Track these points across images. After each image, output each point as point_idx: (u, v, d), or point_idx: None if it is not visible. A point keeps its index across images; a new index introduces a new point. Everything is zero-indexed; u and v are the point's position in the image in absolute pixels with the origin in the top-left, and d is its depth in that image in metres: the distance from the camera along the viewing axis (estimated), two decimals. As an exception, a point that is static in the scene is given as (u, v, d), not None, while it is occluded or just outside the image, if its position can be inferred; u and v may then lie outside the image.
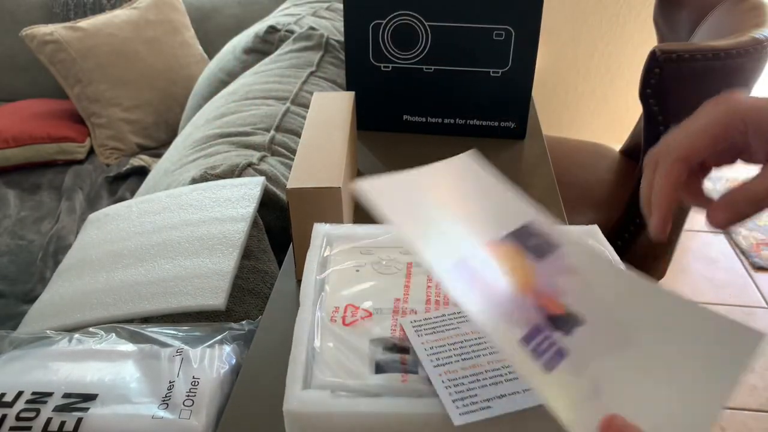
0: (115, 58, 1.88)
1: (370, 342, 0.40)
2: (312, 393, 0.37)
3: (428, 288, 0.44)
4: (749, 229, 2.16)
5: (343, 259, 0.47)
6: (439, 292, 0.44)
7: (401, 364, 0.38)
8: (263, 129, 1.03)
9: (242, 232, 0.75)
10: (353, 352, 0.39)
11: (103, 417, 0.52)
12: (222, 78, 1.50)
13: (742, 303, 1.89)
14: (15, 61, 2.12)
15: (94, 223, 0.88)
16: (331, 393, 0.37)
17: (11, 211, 1.68)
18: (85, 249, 0.82)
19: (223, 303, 0.66)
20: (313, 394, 0.37)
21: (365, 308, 0.42)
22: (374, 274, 0.46)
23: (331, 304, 0.43)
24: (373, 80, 0.92)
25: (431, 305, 0.43)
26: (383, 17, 0.87)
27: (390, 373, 0.38)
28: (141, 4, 1.97)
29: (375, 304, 0.43)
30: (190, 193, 0.84)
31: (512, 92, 0.90)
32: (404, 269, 0.46)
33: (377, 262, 0.47)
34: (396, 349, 0.39)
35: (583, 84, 2.49)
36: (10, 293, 1.41)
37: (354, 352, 0.39)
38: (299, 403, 0.36)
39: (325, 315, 0.42)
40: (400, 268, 0.46)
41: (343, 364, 0.38)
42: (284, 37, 1.44)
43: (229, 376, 0.57)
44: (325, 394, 0.37)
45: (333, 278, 0.45)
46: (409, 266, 0.46)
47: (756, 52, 1.07)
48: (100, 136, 1.90)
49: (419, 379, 0.37)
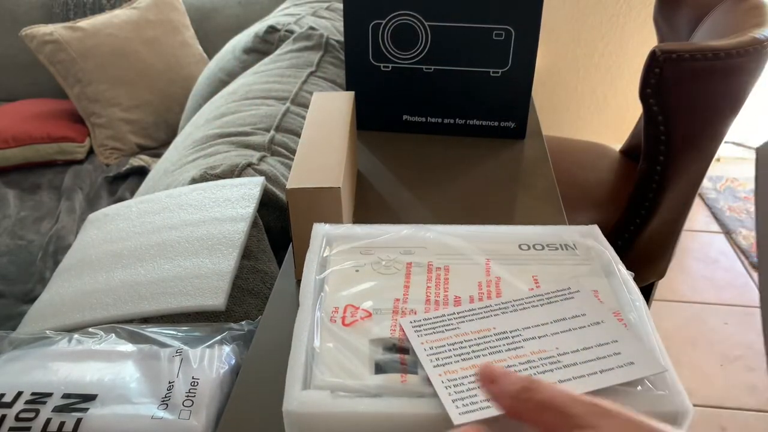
0: (114, 58, 1.88)
1: (370, 342, 0.40)
2: (312, 393, 0.37)
3: (428, 288, 0.44)
4: (749, 229, 2.16)
5: (343, 259, 0.47)
6: (438, 292, 0.44)
7: (401, 365, 0.38)
8: (263, 129, 1.03)
9: (242, 232, 0.75)
10: (353, 352, 0.39)
11: (103, 417, 0.52)
12: (222, 78, 1.50)
13: (742, 303, 1.89)
14: (15, 61, 2.12)
15: (94, 223, 0.88)
16: (331, 393, 0.37)
17: (11, 211, 1.67)
18: (84, 249, 0.82)
19: (223, 303, 0.66)
20: (313, 394, 0.37)
21: (365, 308, 0.42)
22: (374, 274, 0.46)
23: (331, 304, 0.43)
24: (373, 80, 0.92)
25: (431, 305, 0.43)
26: (383, 17, 0.87)
27: (389, 374, 0.38)
28: (141, 4, 1.97)
29: (375, 305, 0.43)
30: (189, 193, 0.84)
31: (512, 92, 0.90)
32: (404, 269, 0.46)
33: (377, 262, 0.47)
34: (395, 349, 0.39)
35: (583, 84, 2.49)
36: (9, 293, 1.41)
37: (353, 352, 0.39)
38: (299, 403, 0.36)
39: (325, 315, 0.42)
40: (400, 268, 0.46)
41: (343, 365, 0.38)
42: (284, 37, 1.44)
43: (229, 377, 0.57)
44: (324, 395, 0.37)
45: (332, 278, 0.45)
46: (408, 266, 0.46)
47: (756, 52, 1.07)
48: (99, 136, 1.90)
49: (419, 379, 0.37)
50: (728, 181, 2.42)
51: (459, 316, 0.42)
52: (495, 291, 0.44)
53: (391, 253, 0.48)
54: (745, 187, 2.38)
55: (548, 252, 0.48)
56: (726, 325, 1.81)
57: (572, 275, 0.45)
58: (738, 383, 1.61)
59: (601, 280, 0.45)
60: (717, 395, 1.59)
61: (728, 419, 1.55)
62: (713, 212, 2.27)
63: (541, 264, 0.47)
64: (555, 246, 0.48)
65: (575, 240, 0.49)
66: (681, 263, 2.05)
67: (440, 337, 0.40)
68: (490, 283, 0.45)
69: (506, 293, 0.44)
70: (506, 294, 0.44)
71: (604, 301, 0.43)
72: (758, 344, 1.74)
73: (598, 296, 0.43)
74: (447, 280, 0.45)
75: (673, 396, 0.36)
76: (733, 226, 2.18)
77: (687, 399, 0.36)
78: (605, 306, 0.42)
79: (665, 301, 1.89)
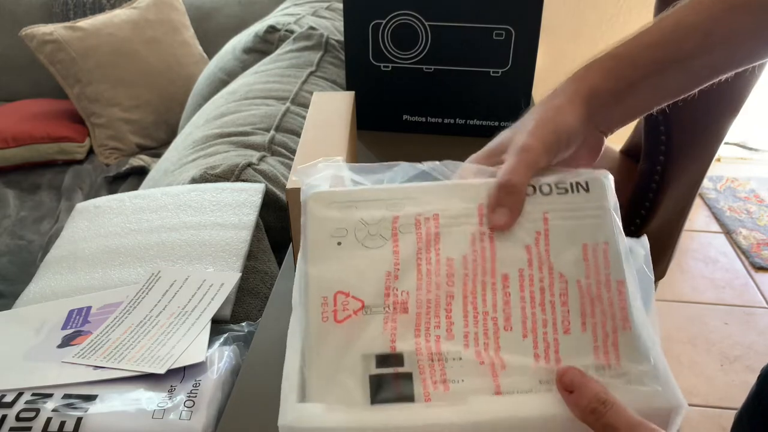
0: (114, 58, 1.88)
1: (362, 358, 0.38)
2: (307, 407, 0.36)
3: (418, 257, 0.41)
4: (749, 229, 2.16)
5: (320, 224, 0.42)
6: (429, 258, 0.41)
7: (394, 380, 0.37)
8: (263, 129, 1.03)
9: (245, 241, 0.75)
10: (347, 369, 0.38)
11: (103, 417, 0.52)
12: (222, 78, 1.50)
13: (742, 303, 1.89)
14: (15, 61, 2.11)
15: (83, 214, 0.87)
16: (327, 407, 0.36)
17: (11, 211, 1.67)
18: (75, 241, 0.81)
19: (228, 313, 0.66)
20: (308, 407, 0.36)
21: (355, 296, 0.40)
22: (358, 247, 0.41)
23: (318, 294, 0.40)
24: (373, 80, 0.92)
25: (422, 277, 0.40)
26: (383, 17, 0.87)
27: (387, 405, 0.37)
28: (141, 3, 1.97)
29: (365, 288, 0.40)
30: (188, 193, 0.84)
31: (512, 92, 0.90)
32: (390, 236, 0.42)
33: (360, 228, 0.42)
34: (390, 361, 0.38)
35: (583, 84, 2.49)
36: (9, 293, 1.40)
37: (347, 369, 0.38)
38: (293, 418, 0.35)
39: (315, 311, 0.40)
40: (386, 236, 0.42)
41: (337, 384, 0.37)
42: (284, 36, 1.44)
43: (229, 377, 0.57)
44: (320, 408, 0.36)
45: (314, 255, 0.41)
46: (395, 229, 0.42)
47: (756, 52, 1.07)
48: (99, 136, 1.90)
49: (418, 407, 0.37)
50: (728, 181, 2.42)
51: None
52: (489, 248, 0.41)
53: (374, 211, 0.42)
54: (745, 187, 2.38)
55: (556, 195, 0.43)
56: (726, 325, 1.81)
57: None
58: (738, 383, 1.61)
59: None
60: (717, 395, 1.59)
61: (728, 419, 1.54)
62: (713, 212, 2.27)
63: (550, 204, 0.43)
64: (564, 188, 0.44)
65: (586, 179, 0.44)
66: (681, 263, 2.05)
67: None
68: (483, 236, 0.41)
69: (500, 251, 0.41)
70: (500, 251, 0.41)
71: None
72: (758, 344, 1.74)
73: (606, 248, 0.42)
74: (438, 237, 0.41)
75: (666, 392, 0.36)
76: (733, 226, 2.18)
77: (681, 394, 0.36)
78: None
79: (665, 301, 1.89)
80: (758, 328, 1.79)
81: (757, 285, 1.95)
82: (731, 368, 1.67)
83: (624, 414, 0.34)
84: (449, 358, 0.38)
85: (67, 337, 0.63)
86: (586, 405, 0.34)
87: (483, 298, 0.40)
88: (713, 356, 1.71)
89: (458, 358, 0.38)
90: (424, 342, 0.39)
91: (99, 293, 0.70)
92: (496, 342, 0.38)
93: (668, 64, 0.48)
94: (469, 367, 0.38)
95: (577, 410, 0.35)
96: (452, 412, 0.36)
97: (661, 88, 0.49)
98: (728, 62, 0.49)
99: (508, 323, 0.39)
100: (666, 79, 0.48)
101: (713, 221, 2.24)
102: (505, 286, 0.40)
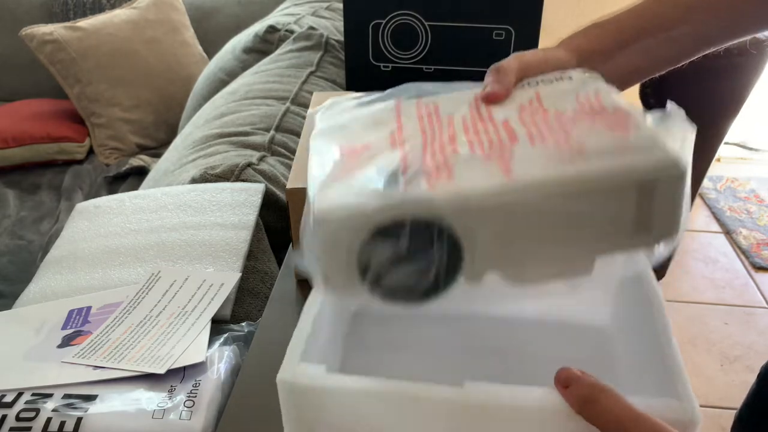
0: (114, 58, 1.88)
1: (376, 170, 0.39)
2: (308, 366, 0.37)
3: (420, 122, 0.43)
4: (749, 229, 2.16)
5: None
6: (431, 120, 0.43)
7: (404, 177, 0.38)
8: (263, 129, 1.03)
9: (245, 241, 0.75)
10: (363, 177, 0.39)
11: (103, 417, 0.52)
12: (222, 78, 1.50)
13: (742, 303, 1.89)
14: (15, 61, 2.11)
15: (83, 214, 0.87)
16: (327, 369, 0.37)
17: (11, 211, 1.67)
18: (75, 241, 0.81)
19: (228, 313, 0.66)
20: (309, 367, 0.37)
21: (363, 143, 0.42)
22: (362, 125, 0.45)
23: (330, 157, 0.42)
24: (373, 80, 0.92)
25: (426, 133, 0.42)
26: (383, 17, 0.87)
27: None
28: (141, 3, 1.97)
29: (372, 142, 0.42)
30: (187, 193, 0.84)
31: (512, 92, 0.90)
32: (393, 111, 0.45)
33: (365, 115, 0.46)
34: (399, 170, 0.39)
35: (583, 84, 2.49)
36: (9, 293, 1.40)
37: (364, 177, 0.39)
38: (293, 374, 0.37)
39: (330, 154, 0.42)
40: (390, 116, 0.45)
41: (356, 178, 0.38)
42: (284, 36, 1.44)
43: (229, 377, 0.57)
44: (320, 369, 0.37)
45: (319, 142, 0.44)
46: (397, 112, 0.45)
47: (756, 52, 1.07)
48: (99, 136, 1.90)
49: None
50: (728, 181, 2.42)
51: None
52: (486, 109, 0.44)
53: (378, 104, 0.48)
54: (745, 187, 2.38)
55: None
56: (726, 325, 1.81)
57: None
58: (738, 383, 1.61)
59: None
60: (717, 395, 1.59)
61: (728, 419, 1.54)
62: (713, 212, 2.27)
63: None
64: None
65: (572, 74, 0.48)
66: (681, 263, 2.05)
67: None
68: (479, 105, 0.44)
69: (496, 111, 0.43)
70: (496, 112, 0.43)
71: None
72: (758, 344, 1.74)
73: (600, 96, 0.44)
74: (437, 109, 0.44)
75: (684, 404, 0.36)
76: (733, 226, 2.18)
77: (698, 408, 0.35)
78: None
79: (665, 301, 1.89)
80: (758, 328, 1.79)
81: (757, 285, 1.95)
82: (731, 368, 1.67)
83: (620, 401, 0.34)
84: (456, 162, 0.38)
85: (67, 337, 0.63)
86: (582, 394, 0.35)
87: (486, 132, 0.41)
88: (713, 356, 1.71)
89: (467, 160, 0.39)
90: (430, 156, 0.39)
91: (99, 293, 0.69)
92: (502, 149, 0.39)
93: (652, 31, 0.50)
94: (476, 161, 0.38)
95: (574, 401, 0.35)
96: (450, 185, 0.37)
97: (647, 54, 0.51)
98: (710, 34, 0.52)
99: (513, 137, 0.40)
100: (650, 45, 0.51)
101: (713, 221, 2.24)
102: (506, 123, 0.41)
